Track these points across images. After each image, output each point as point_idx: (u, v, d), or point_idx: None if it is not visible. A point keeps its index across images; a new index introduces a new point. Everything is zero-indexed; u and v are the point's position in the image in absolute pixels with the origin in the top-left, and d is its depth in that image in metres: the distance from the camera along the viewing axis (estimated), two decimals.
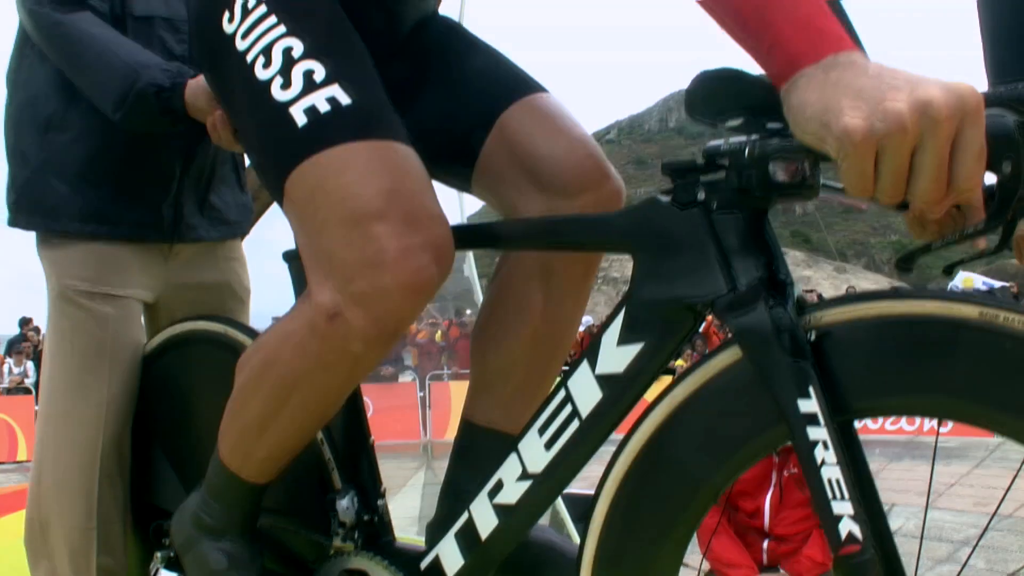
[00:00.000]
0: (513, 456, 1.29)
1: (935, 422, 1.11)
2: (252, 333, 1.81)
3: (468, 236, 1.41)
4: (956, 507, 7.09)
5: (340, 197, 1.21)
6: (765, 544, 4.34)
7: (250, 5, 1.33)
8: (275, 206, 1.68)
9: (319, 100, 1.24)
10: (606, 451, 1.23)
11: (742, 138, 1.08)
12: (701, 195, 1.12)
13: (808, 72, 0.89)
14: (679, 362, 14.06)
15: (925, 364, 0.98)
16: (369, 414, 1.70)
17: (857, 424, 1.09)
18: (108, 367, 1.96)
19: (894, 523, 6.64)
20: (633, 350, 1.17)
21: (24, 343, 15.88)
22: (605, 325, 1.21)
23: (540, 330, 1.53)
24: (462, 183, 1.59)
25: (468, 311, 21.12)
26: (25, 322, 16.93)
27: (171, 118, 1.82)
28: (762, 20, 0.91)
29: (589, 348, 1.22)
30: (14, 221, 2.03)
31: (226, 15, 1.36)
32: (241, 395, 1.42)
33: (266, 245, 3.11)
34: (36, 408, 8.74)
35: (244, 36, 1.32)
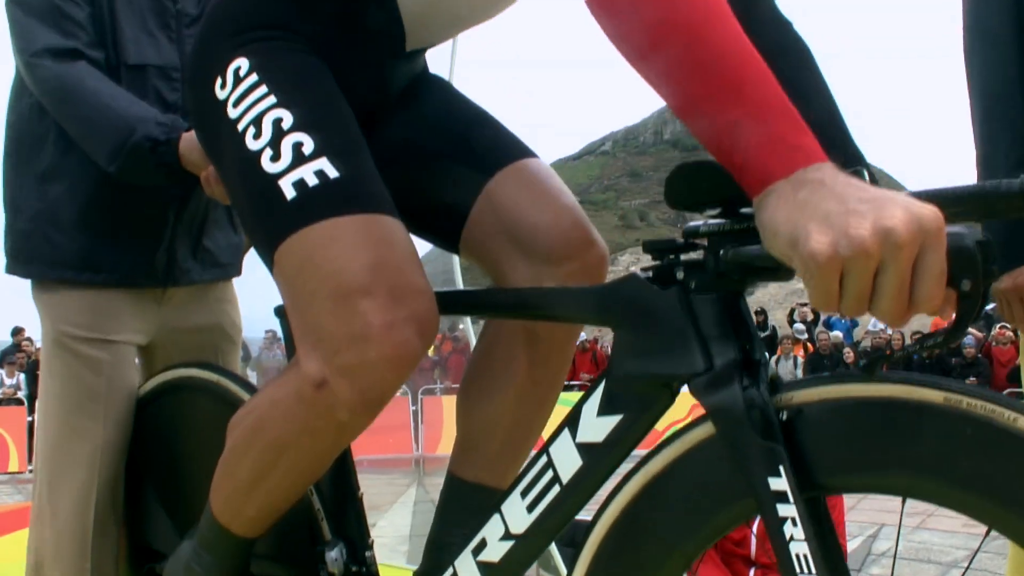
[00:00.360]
0: (496, 516, 1.33)
1: None
2: (244, 383, 1.86)
3: (454, 302, 1.45)
4: (945, 528, 7.08)
5: (327, 272, 1.25)
6: (751, 572, 4.37)
7: (241, 73, 1.37)
8: None
9: (307, 173, 1.27)
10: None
11: (720, 220, 1.13)
12: (680, 274, 1.16)
13: (778, 188, 0.92)
14: None
15: (891, 445, 1.01)
16: None
17: None
18: (103, 410, 2.00)
19: (882, 545, 6.66)
20: (612, 421, 1.21)
21: (18, 354, 15.85)
22: (586, 395, 1.25)
23: (525, 390, 1.57)
24: (450, 245, 1.63)
25: (461, 325, 21.14)
26: (17, 331, 16.88)
27: (166, 171, 1.86)
28: (736, 136, 0.94)
29: (570, 417, 1.26)
30: (12, 268, 2.08)
31: (218, 81, 1.40)
32: (233, 455, 1.45)
33: None
34: (28, 420, 8.82)
35: (236, 104, 1.36)
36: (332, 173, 1.28)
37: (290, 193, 1.27)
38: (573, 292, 1.32)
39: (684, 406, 1.27)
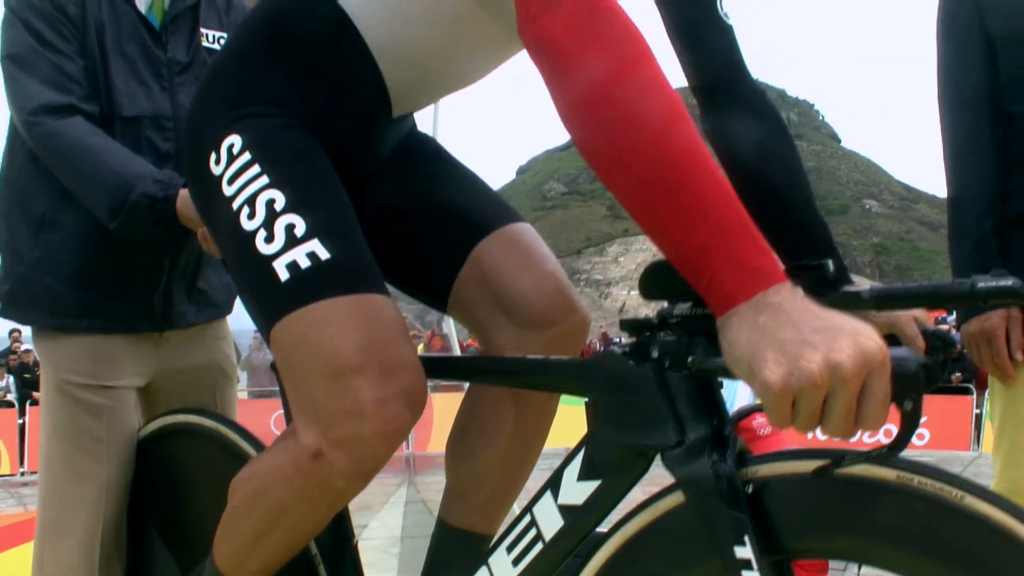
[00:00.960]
0: (484, 569, 1.41)
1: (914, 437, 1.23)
2: (241, 431, 1.93)
3: (442, 368, 1.53)
4: None
5: (321, 351, 1.32)
6: None
7: (235, 151, 1.44)
8: None
9: (300, 255, 1.34)
10: None
11: (693, 304, 1.21)
12: (655, 353, 1.24)
13: (740, 311, 0.99)
14: None
15: (850, 517, 1.10)
16: None
17: None
18: (106, 454, 2.07)
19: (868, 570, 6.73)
20: (591, 486, 1.29)
21: (11, 356, 15.81)
22: (568, 459, 1.33)
23: (511, 444, 1.65)
24: (439, 305, 1.71)
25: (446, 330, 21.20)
26: (13, 330, 16.74)
27: (164, 227, 1.93)
28: (701, 260, 1.01)
29: (552, 480, 1.34)
30: (9, 314, 2.15)
31: (213, 156, 1.46)
32: (235, 515, 1.53)
33: None
34: (19, 422, 8.79)
35: (230, 182, 1.42)
36: (324, 255, 1.34)
37: (284, 275, 1.34)
38: (556, 364, 1.40)
39: None
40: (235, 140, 1.45)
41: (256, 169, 1.41)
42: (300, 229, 1.35)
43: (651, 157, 1.03)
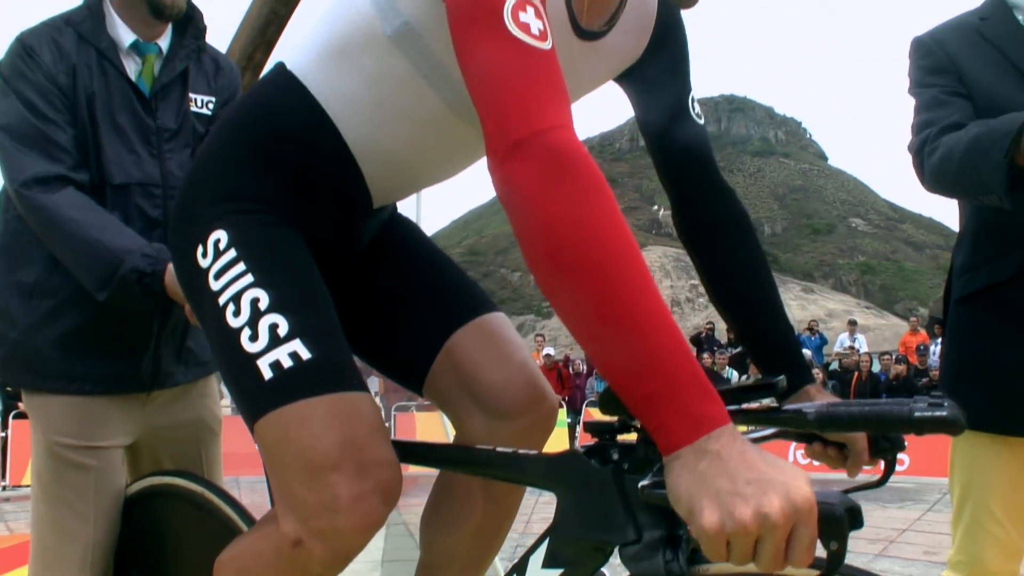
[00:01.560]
0: None
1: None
2: (223, 495, 2.00)
3: (416, 453, 1.61)
4: (906, 556, 7.11)
5: (302, 448, 1.41)
6: None
7: (221, 246, 1.52)
8: None
9: (283, 355, 1.42)
10: None
11: None
12: (615, 455, 1.32)
13: (683, 454, 1.07)
14: None
15: None
16: None
17: None
18: (93, 513, 2.14)
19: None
20: (553, 574, 1.37)
21: None
22: (534, 547, 1.41)
23: (481, 526, 1.74)
24: (415, 388, 1.79)
25: None
26: None
27: (152, 300, 2.00)
28: (650, 406, 1.09)
29: (518, 566, 1.42)
30: (1, 376, 2.22)
31: (200, 249, 1.54)
32: None
33: None
34: (1, 435, 8.65)
35: (216, 277, 1.50)
36: (305, 355, 1.42)
37: (267, 374, 1.42)
38: (523, 459, 1.47)
39: None
40: (221, 235, 1.52)
41: (241, 267, 1.49)
42: (283, 329, 1.43)
43: (607, 308, 1.10)
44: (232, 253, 1.51)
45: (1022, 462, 2.09)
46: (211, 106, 2.35)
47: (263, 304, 1.45)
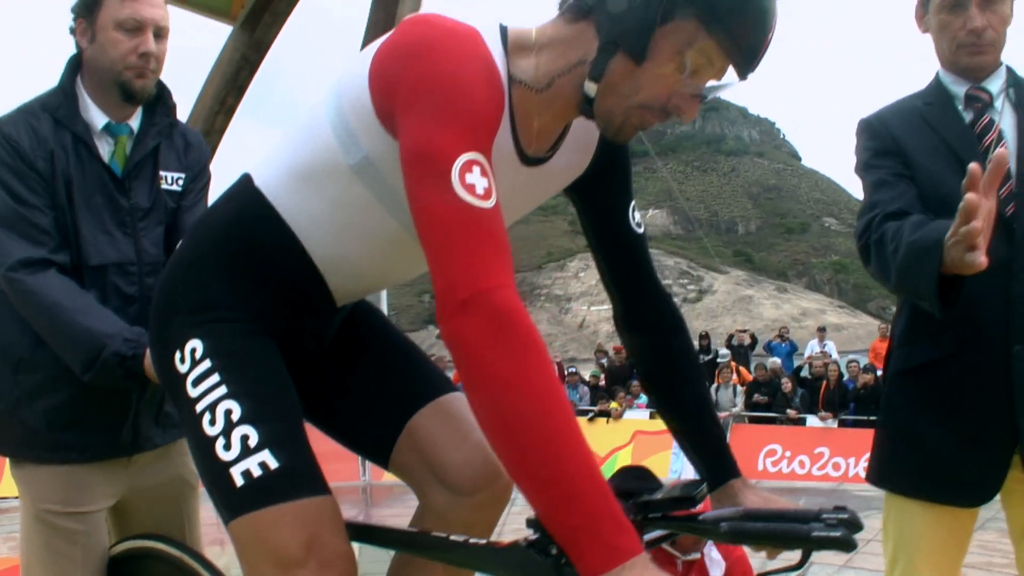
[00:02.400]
0: None
1: (861, 468, 1.47)
2: (201, 560, 2.13)
3: (375, 536, 1.75)
4: (869, 567, 7.17)
5: (271, 548, 1.56)
6: None
7: (197, 355, 1.66)
8: None
9: (253, 465, 1.57)
10: None
11: None
12: (554, 550, 1.43)
13: None
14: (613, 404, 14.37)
15: None
16: None
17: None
18: (80, 573, 2.26)
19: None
20: None
21: None
22: None
23: None
24: (382, 464, 1.94)
25: None
26: None
27: (133, 380, 2.13)
28: (573, 537, 1.24)
29: None
30: None
31: (178, 355, 1.68)
32: None
33: None
34: None
35: (194, 384, 1.64)
36: (273, 464, 1.57)
37: (240, 481, 1.57)
38: (472, 548, 1.61)
39: (627, 431, 1.59)
40: (197, 344, 1.67)
41: (216, 378, 1.63)
42: (253, 440, 1.58)
43: (537, 455, 1.25)
44: (207, 363, 1.65)
45: (949, 528, 2.23)
46: (181, 182, 2.47)
47: (235, 416, 1.60)
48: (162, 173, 2.43)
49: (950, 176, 1.93)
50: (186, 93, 4.12)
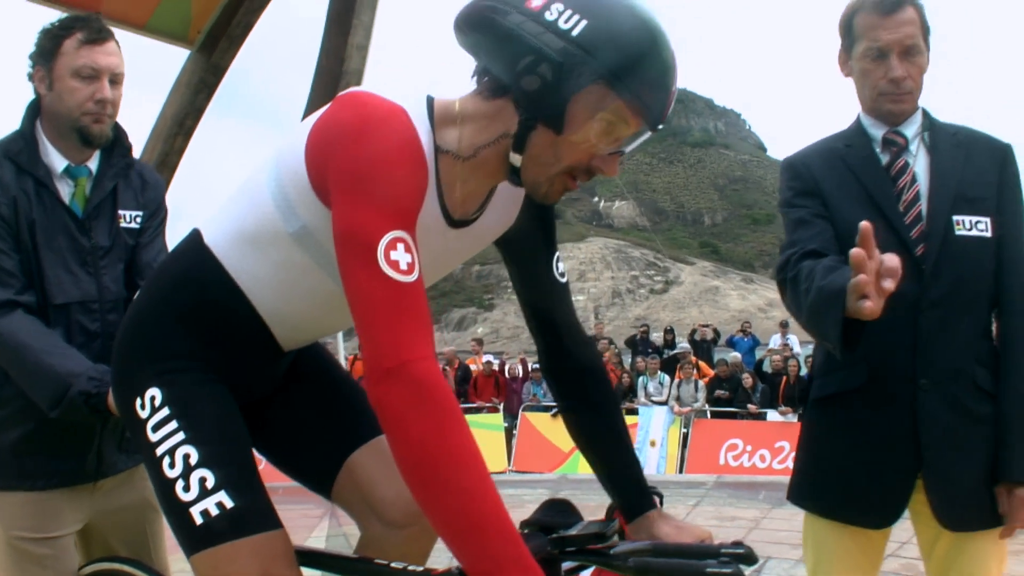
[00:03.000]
0: None
1: None
2: None
3: (322, 561, 1.89)
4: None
5: None
6: None
7: (156, 403, 1.80)
8: None
9: (211, 505, 1.70)
10: None
11: None
12: None
13: None
14: None
15: None
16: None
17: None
18: None
19: None
20: None
21: None
22: None
23: None
24: (325, 496, 2.09)
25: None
26: None
27: (98, 416, 2.23)
28: None
29: None
30: None
31: (138, 402, 1.82)
32: None
33: None
34: None
35: (154, 430, 1.78)
36: (229, 504, 1.71)
37: (199, 520, 1.70)
38: (410, 574, 1.74)
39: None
40: (156, 393, 1.81)
41: (174, 424, 1.77)
42: (210, 483, 1.72)
43: (454, 511, 1.41)
44: (166, 411, 1.79)
45: (861, 546, 2.39)
46: (139, 220, 2.60)
47: (193, 460, 1.74)
48: (121, 212, 2.55)
49: (864, 217, 2.06)
50: (147, 115, 4.23)
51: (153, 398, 1.80)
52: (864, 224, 1.76)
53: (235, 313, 1.84)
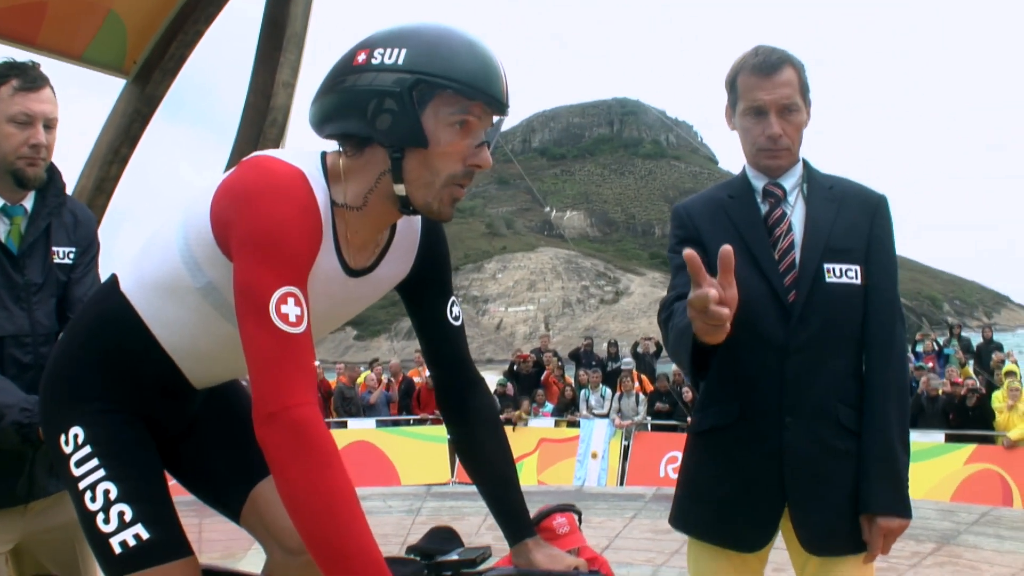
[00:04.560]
0: None
1: None
2: None
3: None
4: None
5: None
6: None
7: (79, 441, 1.94)
8: None
9: (128, 536, 1.86)
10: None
11: None
12: None
13: None
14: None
15: None
16: None
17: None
18: None
19: None
20: None
21: None
22: None
23: None
24: (235, 521, 2.22)
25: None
26: None
27: (30, 444, 2.36)
28: None
29: None
30: None
31: (62, 438, 1.96)
32: None
33: None
34: None
35: (77, 466, 1.92)
36: (145, 535, 1.87)
37: (118, 549, 1.86)
38: None
39: (532, 439, 1.93)
40: (78, 431, 1.95)
41: (95, 462, 1.92)
42: (128, 516, 1.87)
43: (325, 540, 1.57)
44: (87, 449, 1.93)
45: (736, 567, 2.55)
46: (72, 256, 2.73)
47: (112, 495, 1.89)
48: (54, 248, 2.67)
49: (739, 265, 2.21)
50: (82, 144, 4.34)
51: (76, 435, 1.94)
52: (724, 247, 1.96)
53: (147, 355, 1.98)
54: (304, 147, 1.89)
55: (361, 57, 1.76)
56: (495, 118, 1.83)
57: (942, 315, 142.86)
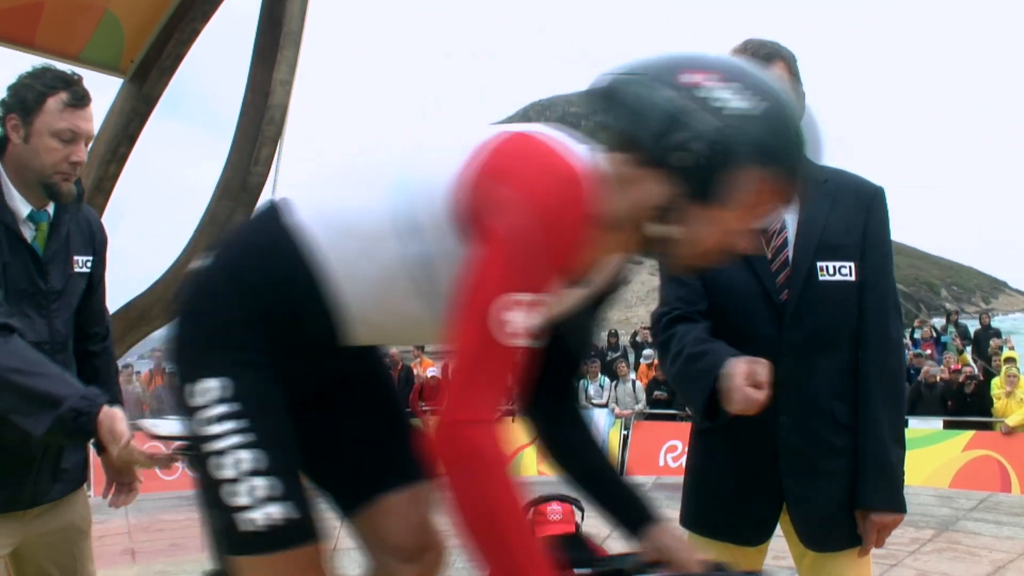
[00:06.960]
0: None
1: None
2: None
3: None
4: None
5: None
6: None
7: (218, 396, 1.72)
8: None
9: (258, 514, 1.68)
10: None
11: None
12: None
13: None
14: None
15: None
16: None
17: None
18: None
19: None
20: None
21: None
22: None
23: None
24: (342, 515, 2.09)
25: None
26: None
27: (83, 436, 2.20)
28: None
29: None
30: None
31: (195, 386, 1.74)
32: None
33: None
34: None
35: (209, 423, 1.72)
36: (277, 515, 1.69)
37: (243, 527, 1.68)
38: None
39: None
40: (216, 383, 1.73)
41: (234, 424, 1.71)
42: (265, 491, 1.69)
43: (492, 552, 1.51)
44: (227, 407, 1.72)
45: (736, 559, 2.54)
46: (89, 264, 2.72)
47: (250, 465, 1.70)
48: (75, 257, 2.67)
49: (732, 268, 2.20)
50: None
51: (216, 388, 1.73)
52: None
53: (311, 299, 1.77)
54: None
55: (689, 78, 1.55)
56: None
57: (940, 301, 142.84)
